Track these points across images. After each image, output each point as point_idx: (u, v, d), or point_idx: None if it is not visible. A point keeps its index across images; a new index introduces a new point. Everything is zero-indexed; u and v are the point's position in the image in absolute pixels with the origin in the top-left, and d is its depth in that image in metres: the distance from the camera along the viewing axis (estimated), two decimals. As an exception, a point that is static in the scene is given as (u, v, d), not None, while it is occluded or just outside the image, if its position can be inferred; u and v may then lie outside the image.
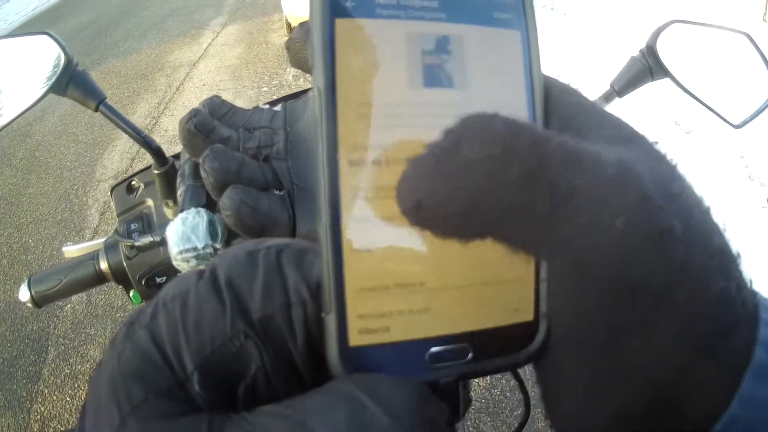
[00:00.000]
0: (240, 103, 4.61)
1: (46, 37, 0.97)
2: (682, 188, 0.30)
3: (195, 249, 0.78)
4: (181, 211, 0.82)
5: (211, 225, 0.80)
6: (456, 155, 0.29)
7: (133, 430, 0.28)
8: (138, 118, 5.43)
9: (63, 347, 3.32)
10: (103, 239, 1.04)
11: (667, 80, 1.06)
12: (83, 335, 3.36)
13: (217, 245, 0.81)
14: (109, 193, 1.08)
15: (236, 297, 0.32)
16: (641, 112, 4.27)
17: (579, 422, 0.31)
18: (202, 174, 0.69)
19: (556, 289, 0.31)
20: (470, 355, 0.33)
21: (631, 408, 0.29)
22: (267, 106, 0.86)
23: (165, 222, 0.99)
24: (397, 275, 0.33)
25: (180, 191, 0.86)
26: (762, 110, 1.03)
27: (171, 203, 0.98)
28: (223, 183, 0.68)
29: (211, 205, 0.84)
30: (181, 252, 0.78)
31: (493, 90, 0.35)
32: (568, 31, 6.21)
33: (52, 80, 0.94)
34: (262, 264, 0.33)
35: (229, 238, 0.83)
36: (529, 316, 0.34)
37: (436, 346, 0.33)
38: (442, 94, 0.34)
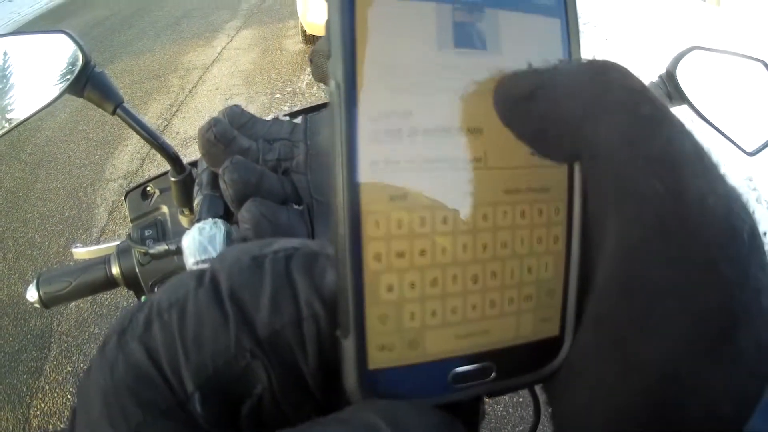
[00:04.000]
0: (253, 108, 4.61)
1: (63, 36, 0.96)
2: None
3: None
4: (198, 220, 0.81)
5: (228, 236, 0.78)
6: (597, 67, 0.28)
7: None
8: (150, 118, 5.43)
9: (66, 345, 3.31)
10: (116, 243, 1.03)
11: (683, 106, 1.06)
12: (87, 334, 3.35)
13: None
14: (123, 198, 1.07)
15: (240, 310, 0.30)
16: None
17: (582, 421, 0.29)
18: (222, 185, 0.69)
19: None
20: (494, 374, 0.32)
21: (634, 406, 0.27)
22: (287, 117, 0.86)
23: (180, 230, 0.99)
24: (421, 292, 0.30)
25: (197, 200, 0.85)
26: (775, 138, 1.03)
27: (187, 212, 0.98)
28: (243, 195, 0.68)
29: (228, 216, 0.83)
30: (197, 263, 0.77)
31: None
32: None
33: (69, 81, 0.93)
34: (269, 272, 0.31)
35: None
36: (554, 331, 0.32)
37: (459, 366, 0.31)
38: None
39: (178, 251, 0.85)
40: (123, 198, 1.07)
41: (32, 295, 1.05)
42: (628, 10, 7.61)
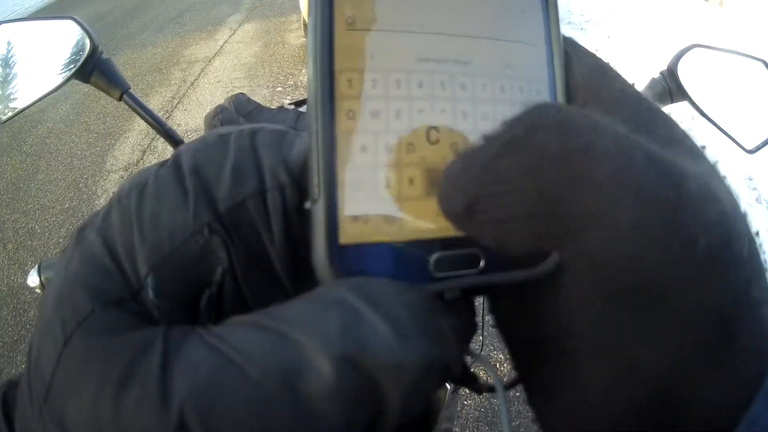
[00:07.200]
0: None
1: (71, 22, 0.96)
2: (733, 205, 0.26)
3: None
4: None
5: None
6: (527, 147, 0.25)
7: (77, 349, 0.24)
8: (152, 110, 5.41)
9: (64, 335, 3.29)
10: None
11: (684, 102, 1.06)
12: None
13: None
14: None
15: (201, 184, 0.27)
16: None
17: (576, 424, 0.28)
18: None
19: (567, 293, 0.27)
20: (482, 263, 0.29)
21: (631, 407, 0.26)
22: (292, 106, 0.86)
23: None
24: (398, 157, 0.28)
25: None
26: (775, 136, 1.04)
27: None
28: None
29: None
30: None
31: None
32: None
33: (77, 66, 0.93)
34: (233, 146, 0.28)
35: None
36: None
37: (442, 249, 0.29)
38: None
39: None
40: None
41: (33, 280, 1.04)
42: (631, 8, 7.60)
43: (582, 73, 0.31)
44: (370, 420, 0.25)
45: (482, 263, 0.29)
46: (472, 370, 0.33)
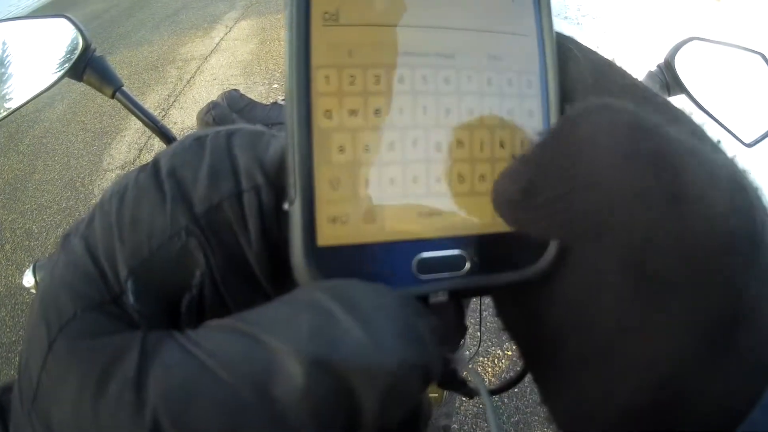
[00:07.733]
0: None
1: (64, 20, 0.96)
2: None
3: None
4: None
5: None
6: (579, 138, 0.25)
7: (60, 352, 0.25)
8: (148, 108, 5.40)
9: (62, 335, 3.29)
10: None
11: (681, 96, 1.06)
12: (83, 323, 3.33)
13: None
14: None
15: (178, 187, 0.27)
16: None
17: (583, 422, 0.28)
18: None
19: (572, 285, 0.27)
20: (467, 265, 0.29)
21: (636, 408, 0.26)
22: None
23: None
24: (377, 156, 0.28)
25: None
26: (774, 130, 1.03)
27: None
28: None
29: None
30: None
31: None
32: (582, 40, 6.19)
33: (69, 64, 0.93)
34: (209, 148, 0.28)
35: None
36: None
37: (425, 251, 0.28)
38: None
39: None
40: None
41: (28, 281, 1.04)
42: (628, 2, 7.60)
43: (588, 68, 0.31)
44: (346, 424, 0.24)
45: (468, 265, 0.29)
46: (464, 374, 0.32)
